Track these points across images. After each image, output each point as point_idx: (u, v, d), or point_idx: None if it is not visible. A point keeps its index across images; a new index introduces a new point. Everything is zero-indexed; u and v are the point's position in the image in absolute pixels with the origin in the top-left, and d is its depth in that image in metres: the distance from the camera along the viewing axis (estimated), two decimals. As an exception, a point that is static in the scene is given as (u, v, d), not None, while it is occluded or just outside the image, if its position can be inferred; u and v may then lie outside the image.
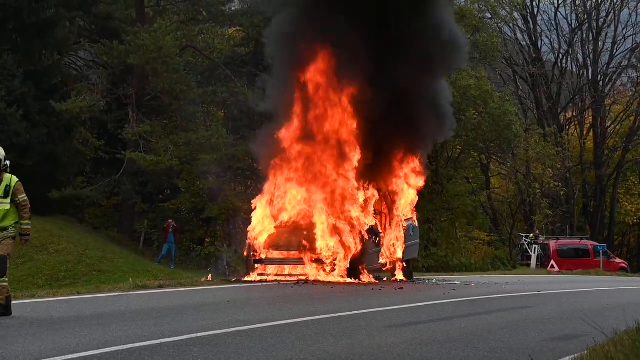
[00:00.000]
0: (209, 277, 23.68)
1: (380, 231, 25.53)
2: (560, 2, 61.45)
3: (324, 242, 23.54)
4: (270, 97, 27.09)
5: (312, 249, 23.39)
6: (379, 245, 25.29)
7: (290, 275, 23.02)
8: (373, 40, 24.62)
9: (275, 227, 24.33)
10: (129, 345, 9.90)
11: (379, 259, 25.39)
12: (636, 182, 62.80)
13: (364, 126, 24.89)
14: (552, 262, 44.62)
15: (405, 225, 26.53)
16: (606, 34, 61.58)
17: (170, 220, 35.76)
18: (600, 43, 61.20)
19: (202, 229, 41.58)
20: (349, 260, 23.50)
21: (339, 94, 25.00)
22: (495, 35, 51.59)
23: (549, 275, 38.81)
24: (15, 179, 12.51)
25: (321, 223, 23.83)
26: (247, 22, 39.32)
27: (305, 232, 23.78)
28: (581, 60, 62.33)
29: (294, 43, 25.15)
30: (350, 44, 24.32)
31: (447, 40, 26.34)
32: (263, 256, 23.55)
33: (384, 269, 26.04)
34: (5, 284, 12.38)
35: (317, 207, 24.21)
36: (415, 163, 26.74)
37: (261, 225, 24.44)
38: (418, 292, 20.76)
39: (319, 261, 23.17)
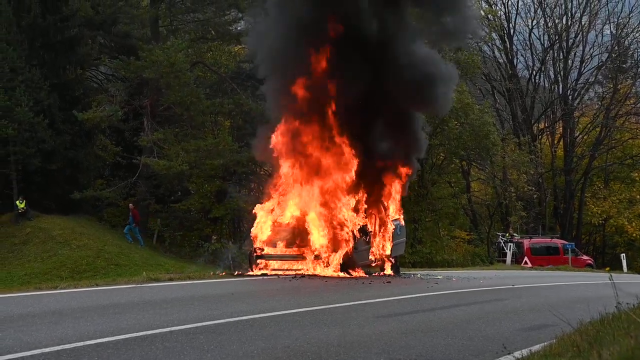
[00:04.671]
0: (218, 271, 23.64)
1: (371, 230, 25.45)
2: (533, 24, 61.67)
3: (320, 240, 23.49)
4: (270, 107, 26.93)
5: (310, 246, 23.33)
6: (369, 243, 25.20)
7: (289, 269, 22.93)
8: (367, 54, 24.51)
9: (276, 226, 24.27)
10: (142, 333, 9.90)
11: (369, 256, 25.28)
12: (601, 187, 62.80)
13: (357, 135, 24.80)
14: (526, 258, 44.55)
15: (393, 224, 26.45)
16: (575, 53, 61.78)
17: (130, 205, 36.06)
18: (569, 61, 61.35)
19: (209, 227, 41.60)
20: (342, 257, 23.44)
21: (331, 105, 24.80)
22: (475, 53, 51.73)
23: (523, 270, 38.72)
24: None
25: (318, 223, 23.77)
26: (251, 41, 39.34)
27: (303, 231, 23.72)
28: (552, 76, 62.48)
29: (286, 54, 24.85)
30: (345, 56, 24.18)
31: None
32: (264, 252, 23.51)
33: (374, 264, 25.91)
34: None
35: (314, 209, 24.13)
36: (403, 170, 26.62)
37: (263, 224, 24.37)
38: (404, 285, 20.68)
39: (316, 257, 23.11)
